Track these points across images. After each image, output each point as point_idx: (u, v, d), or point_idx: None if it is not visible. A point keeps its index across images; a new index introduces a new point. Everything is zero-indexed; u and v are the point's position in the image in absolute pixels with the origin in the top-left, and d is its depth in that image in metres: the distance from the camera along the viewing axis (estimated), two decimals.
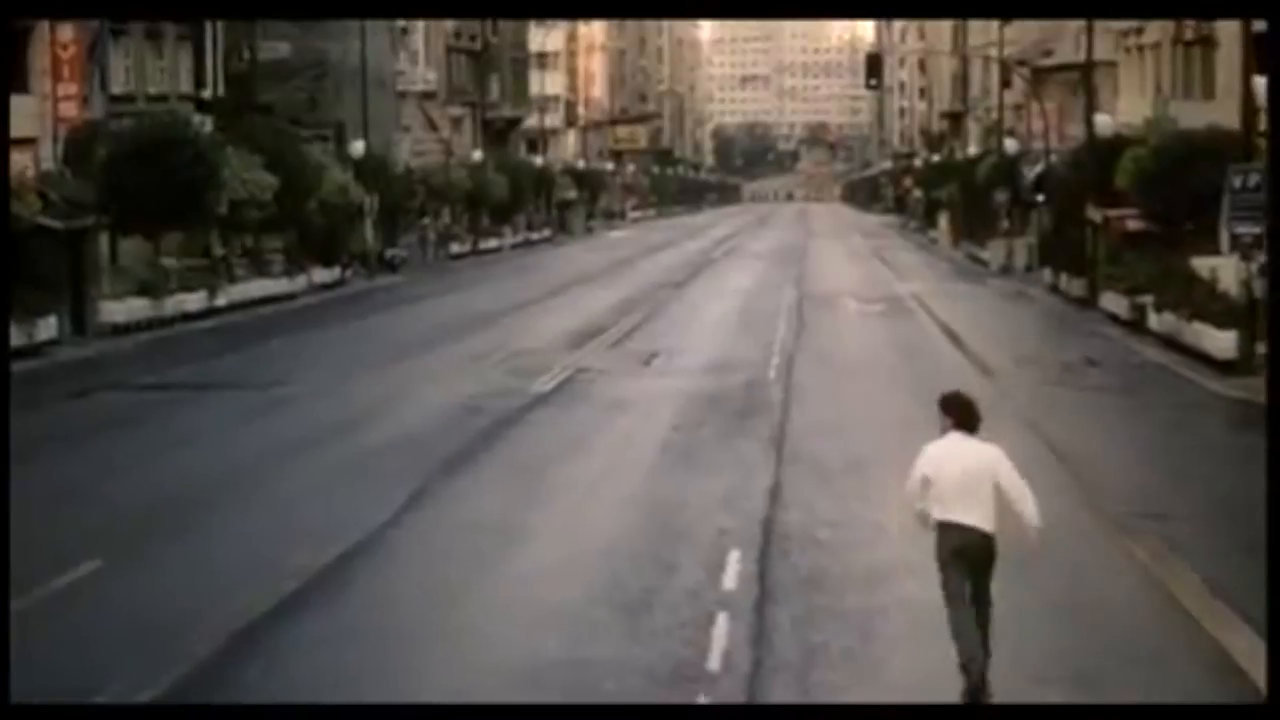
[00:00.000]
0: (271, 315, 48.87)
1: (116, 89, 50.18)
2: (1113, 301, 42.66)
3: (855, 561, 17.12)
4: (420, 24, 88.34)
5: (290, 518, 19.50)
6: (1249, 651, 13.72)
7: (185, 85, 56.05)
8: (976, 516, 12.52)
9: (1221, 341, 32.30)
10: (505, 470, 22.28)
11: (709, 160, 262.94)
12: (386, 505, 19.65)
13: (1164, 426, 27.06)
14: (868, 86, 63.03)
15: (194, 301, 45.94)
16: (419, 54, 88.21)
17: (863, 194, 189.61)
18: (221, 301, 47.59)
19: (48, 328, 37.84)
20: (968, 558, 12.49)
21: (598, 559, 17.19)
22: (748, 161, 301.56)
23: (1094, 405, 29.24)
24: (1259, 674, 12.85)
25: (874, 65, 56.38)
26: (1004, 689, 12.53)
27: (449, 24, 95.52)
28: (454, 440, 24.44)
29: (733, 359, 35.14)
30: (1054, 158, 60.66)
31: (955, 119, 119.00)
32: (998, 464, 12.77)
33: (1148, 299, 39.18)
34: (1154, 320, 37.84)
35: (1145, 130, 54.34)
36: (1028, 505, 12.62)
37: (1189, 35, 51.31)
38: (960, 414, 13.18)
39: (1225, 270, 34.56)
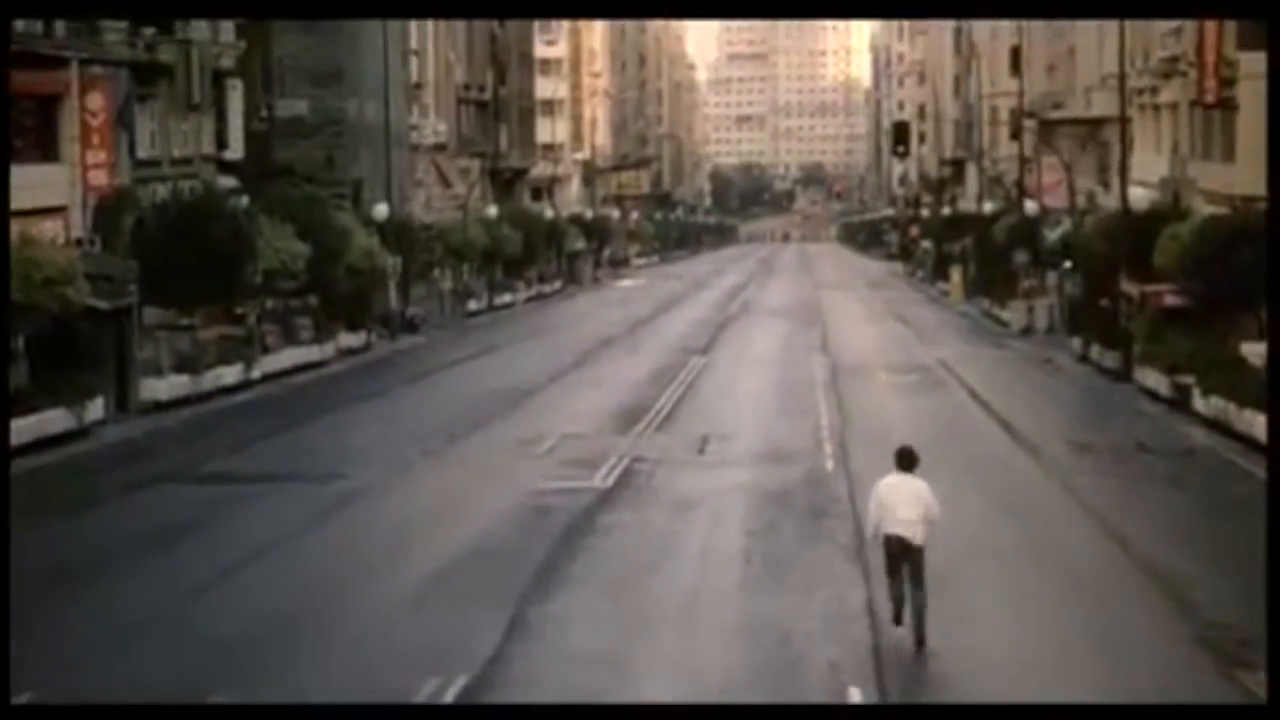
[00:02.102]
0: (305, 386, 48.98)
1: (142, 153, 50.25)
2: (1152, 378, 42.73)
3: (975, 697, 17.07)
4: (431, 77, 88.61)
5: (391, 648, 19.35)
6: None
7: (208, 146, 56.21)
8: (906, 529, 18.87)
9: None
10: (595, 589, 22.24)
11: (707, 202, 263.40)
12: (487, 632, 19.61)
13: (1239, 527, 26.77)
14: (894, 153, 63.37)
15: (231, 375, 45.96)
16: (430, 107, 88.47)
17: (862, 237, 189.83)
18: (256, 374, 47.58)
19: (95, 409, 37.84)
20: (903, 555, 18.85)
21: (721, 700, 17.14)
22: (744, 202, 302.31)
23: (1161, 501, 29.26)
24: None
25: (901, 133, 56.68)
26: None
27: (459, 76, 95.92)
28: (533, 550, 24.39)
29: (785, 446, 35.14)
30: (1071, 219, 60.83)
31: (958, 166, 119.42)
32: (924, 493, 19.10)
33: (1189, 378, 39.32)
34: (1200, 402, 37.92)
35: (1161, 189, 54.65)
36: (936, 515, 19.17)
37: (1209, 98, 51.27)
38: (905, 460, 19.44)
39: None
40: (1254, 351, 36.39)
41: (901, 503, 18.90)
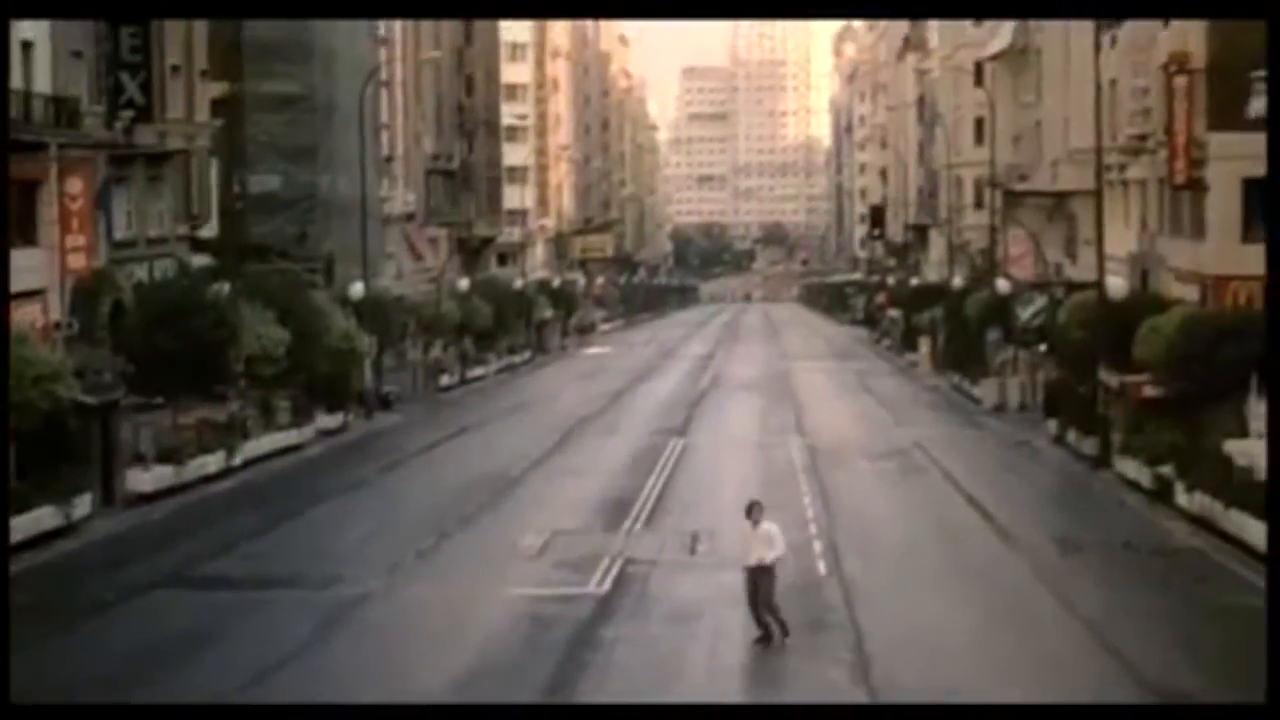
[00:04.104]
0: (287, 472, 48.98)
1: (118, 234, 50.32)
2: (1132, 469, 42.94)
3: None
4: (401, 149, 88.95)
5: None
6: None
7: (183, 225, 56.33)
8: (772, 560, 25.97)
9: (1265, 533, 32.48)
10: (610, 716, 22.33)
11: (669, 263, 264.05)
12: None
13: (1247, 641, 26.09)
14: (870, 236, 63.77)
15: (214, 463, 45.94)
16: (399, 179, 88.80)
17: (825, 300, 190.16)
18: (238, 460, 47.56)
19: (83, 505, 37.82)
20: (764, 579, 25.83)
21: None
22: (704, 261, 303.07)
23: (1164, 614, 29.14)
24: None
25: (877, 216, 57.05)
26: None
27: (427, 147, 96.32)
28: (539, 670, 24.42)
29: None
30: (1045, 298, 61.16)
31: (921, 231, 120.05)
32: (777, 534, 26.37)
33: (1169, 470, 39.57)
34: (1183, 498, 38.14)
35: (1130, 266, 55.00)
36: (783, 550, 26.45)
37: (1179, 179, 51.55)
38: (757, 511, 26.42)
39: (1260, 456, 34.81)
40: (1239, 450, 36.65)
41: (769, 544, 26.07)
